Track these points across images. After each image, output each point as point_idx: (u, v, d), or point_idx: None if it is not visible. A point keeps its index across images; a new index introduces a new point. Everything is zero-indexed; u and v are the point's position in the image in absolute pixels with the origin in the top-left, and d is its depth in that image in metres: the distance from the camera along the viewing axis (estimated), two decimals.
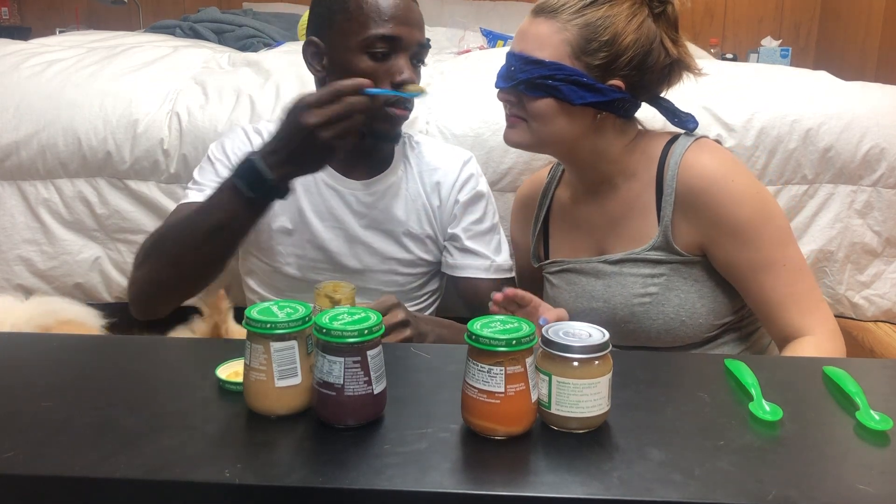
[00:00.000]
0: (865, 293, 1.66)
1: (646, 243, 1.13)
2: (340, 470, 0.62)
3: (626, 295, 1.13)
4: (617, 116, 1.13)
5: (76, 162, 1.61)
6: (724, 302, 1.12)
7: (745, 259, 1.08)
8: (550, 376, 0.68)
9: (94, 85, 1.68)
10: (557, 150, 1.18)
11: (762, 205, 1.09)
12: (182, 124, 1.60)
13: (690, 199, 1.09)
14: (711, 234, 1.09)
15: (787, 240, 1.10)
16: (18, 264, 1.61)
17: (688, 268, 1.11)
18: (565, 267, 1.23)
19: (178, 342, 0.94)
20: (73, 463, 0.63)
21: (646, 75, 1.11)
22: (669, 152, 1.12)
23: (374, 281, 1.31)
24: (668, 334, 1.12)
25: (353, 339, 0.67)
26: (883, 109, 1.64)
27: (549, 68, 1.08)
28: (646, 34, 1.09)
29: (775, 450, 0.67)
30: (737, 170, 1.11)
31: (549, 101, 1.09)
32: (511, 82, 1.11)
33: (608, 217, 1.19)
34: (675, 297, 1.11)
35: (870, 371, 0.87)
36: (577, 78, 1.08)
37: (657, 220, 1.12)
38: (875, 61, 3.40)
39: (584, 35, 1.08)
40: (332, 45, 1.21)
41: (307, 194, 1.29)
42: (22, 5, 4.46)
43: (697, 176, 1.09)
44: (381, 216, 1.29)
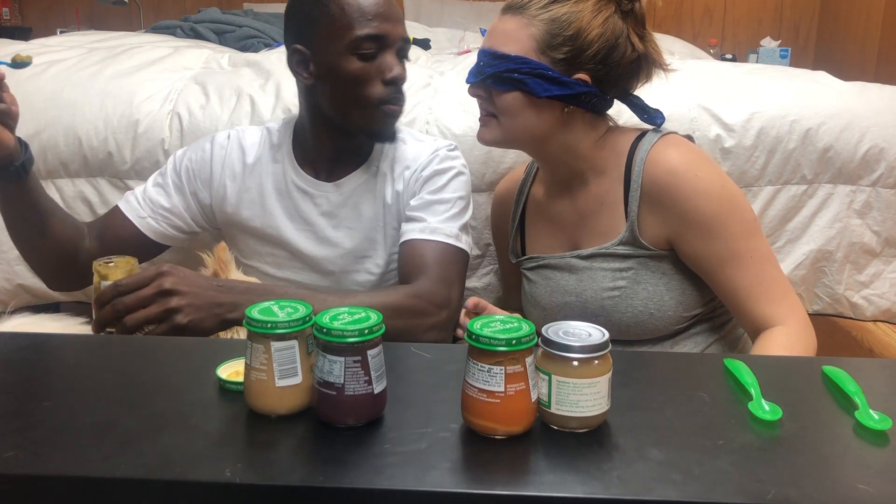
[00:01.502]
0: (864, 293, 1.66)
1: (614, 238, 1.15)
2: (340, 469, 0.62)
3: (597, 289, 1.15)
4: (585, 111, 1.14)
5: (77, 162, 1.61)
6: (692, 294, 1.14)
7: (712, 251, 1.09)
8: (550, 376, 0.68)
9: (94, 85, 1.68)
10: (528, 146, 1.20)
11: (727, 198, 1.10)
12: (183, 124, 1.60)
13: (656, 194, 1.11)
14: (677, 228, 1.10)
15: (752, 231, 1.11)
16: (19, 264, 1.61)
17: (655, 262, 1.13)
18: (541, 263, 1.25)
19: (178, 342, 0.94)
20: (73, 463, 0.63)
21: (612, 69, 1.13)
22: (637, 148, 1.14)
23: (350, 281, 1.31)
24: (638, 327, 1.14)
25: (354, 339, 0.67)
26: (882, 109, 1.64)
27: (515, 62, 1.10)
28: (611, 29, 1.11)
29: (775, 449, 0.67)
30: (701, 164, 1.12)
31: (515, 95, 1.12)
32: (479, 77, 1.14)
33: (579, 213, 1.21)
34: (643, 290, 1.13)
35: (869, 371, 0.87)
36: (542, 71, 1.10)
37: (625, 216, 1.14)
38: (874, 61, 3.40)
39: (550, 30, 1.10)
40: (318, 51, 1.20)
41: (279, 198, 1.30)
42: (23, 6, 4.46)
43: (662, 171, 1.10)
44: (350, 215, 1.29)
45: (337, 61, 1.18)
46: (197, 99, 1.65)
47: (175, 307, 0.97)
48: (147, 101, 1.64)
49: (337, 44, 1.18)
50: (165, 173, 1.35)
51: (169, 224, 1.33)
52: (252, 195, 1.32)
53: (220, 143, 1.35)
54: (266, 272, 1.34)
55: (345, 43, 1.17)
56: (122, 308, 0.96)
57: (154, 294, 0.97)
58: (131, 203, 1.32)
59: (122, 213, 1.31)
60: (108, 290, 0.98)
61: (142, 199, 1.32)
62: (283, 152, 1.32)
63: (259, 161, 1.33)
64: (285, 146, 1.33)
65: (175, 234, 1.34)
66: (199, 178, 1.34)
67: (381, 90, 1.20)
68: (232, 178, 1.33)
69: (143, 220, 1.30)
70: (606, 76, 1.13)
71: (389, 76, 1.19)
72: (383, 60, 1.19)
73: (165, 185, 1.34)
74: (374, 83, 1.19)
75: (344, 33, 1.17)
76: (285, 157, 1.32)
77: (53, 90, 1.65)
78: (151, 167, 1.60)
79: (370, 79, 1.18)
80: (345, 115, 1.23)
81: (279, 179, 1.31)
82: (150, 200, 1.32)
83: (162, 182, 1.34)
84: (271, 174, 1.32)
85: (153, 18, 3.95)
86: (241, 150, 1.34)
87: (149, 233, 1.31)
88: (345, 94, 1.20)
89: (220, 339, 1.00)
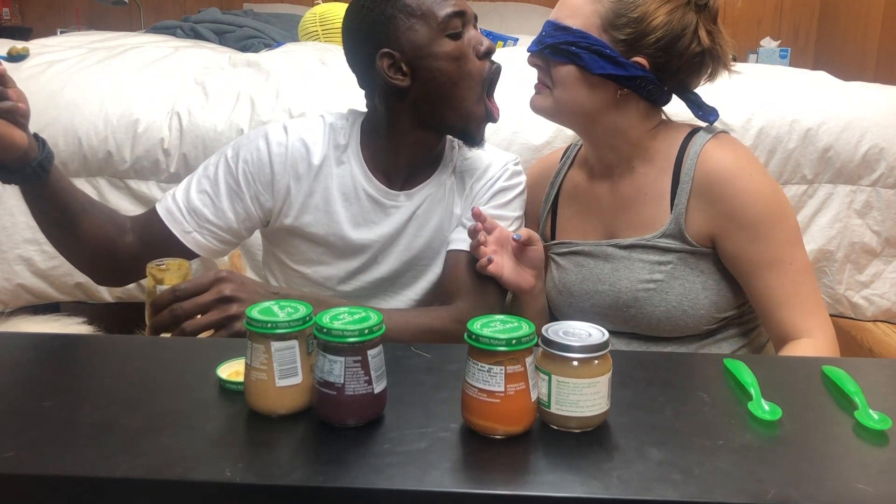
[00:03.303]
0: (865, 293, 1.66)
1: (657, 230, 1.14)
2: (341, 469, 0.62)
3: (632, 280, 1.14)
4: (640, 98, 1.13)
5: (77, 161, 1.61)
6: (726, 296, 1.13)
7: (754, 254, 1.08)
8: (550, 376, 0.68)
9: (94, 85, 1.69)
10: (577, 122, 1.19)
11: (777, 203, 1.10)
12: (182, 124, 1.60)
13: (707, 189, 1.10)
14: (724, 226, 1.10)
15: (796, 240, 1.11)
16: (19, 264, 1.61)
17: (695, 258, 1.12)
18: (573, 249, 1.23)
19: (178, 342, 0.94)
20: (73, 463, 0.63)
21: (673, 59, 1.12)
22: (690, 142, 1.14)
23: (404, 287, 1.27)
24: (669, 322, 1.13)
25: (354, 339, 0.67)
26: (882, 109, 1.64)
27: (574, 35, 1.10)
28: (678, 19, 1.10)
29: (774, 449, 0.67)
30: (755, 166, 1.12)
31: (570, 68, 1.12)
32: (538, 46, 1.15)
33: (620, 200, 1.19)
34: (679, 285, 1.12)
35: (869, 371, 0.87)
36: (600, 48, 1.10)
37: (670, 208, 1.13)
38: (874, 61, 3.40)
39: (616, 9, 1.10)
40: (407, 47, 1.15)
41: (346, 203, 1.23)
42: (23, 6, 4.47)
43: (716, 167, 1.10)
44: (419, 225, 1.25)
45: (431, 49, 1.15)
46: (197, 99, 1.65)
47: (235, 314, 0.97)
48: (147, 100, 1.64)
49: (424, 32, 1.15)
50: (216, 180, 1.21)
51: (216, 238, 1.21)
52: (317, 199, 1.23)
53: (277, 139, 1.22)
54: (314, 279, 1.26)
55: (434, 28, 1.15)
56: (181, 313, 0.95)
57: (213, 300, 0.97)
58: (174, 215, 1.19)
59: (164, 223, 1.19)
60: (166, 294, 0.97)
61: (185, 211, 1.19)
62: (349, 154, 1.24)
63: (325, 162, 1.23)
64: (352, 148, 1.24)
65: (222, 247, 1.24)
66: (260, 181, 1.21)
67: (479, 65, 1.17)
68: (296, 179, 1.22)
69: (189, 235, 1.19)
70: (666, 65, 1.12)
71: (483, 49, 1.18)
72: (471, 35, 1.18)
73: (216, 195, 1.20)
74: (471, 60, 1.17)
75: (428, 19, 1.15)
76: (353, 160, 1.23)
77: (53, 90, 1.65)
78: (151, 167, 1.60)
79: (466, 55, 1.16)
80: (446, 110, 1.18)
81: (346, 184, 1.23)
82: (196, 212, 1.19)
83: (210, 190, 1.21)
84: (337, 177, 1.23)
85: (153, 18, 3.95)
86: (305, 149, 1.22)
87: (194, 247, 1.20)
88: (448, 81, 1.16)
89: (220, 339, 1.00)
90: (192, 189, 1.21)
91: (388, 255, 1.25)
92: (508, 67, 1.82)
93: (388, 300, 1.27)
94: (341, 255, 1.25)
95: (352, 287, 1.26)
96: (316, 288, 1.26)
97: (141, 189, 1.61)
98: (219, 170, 1.22)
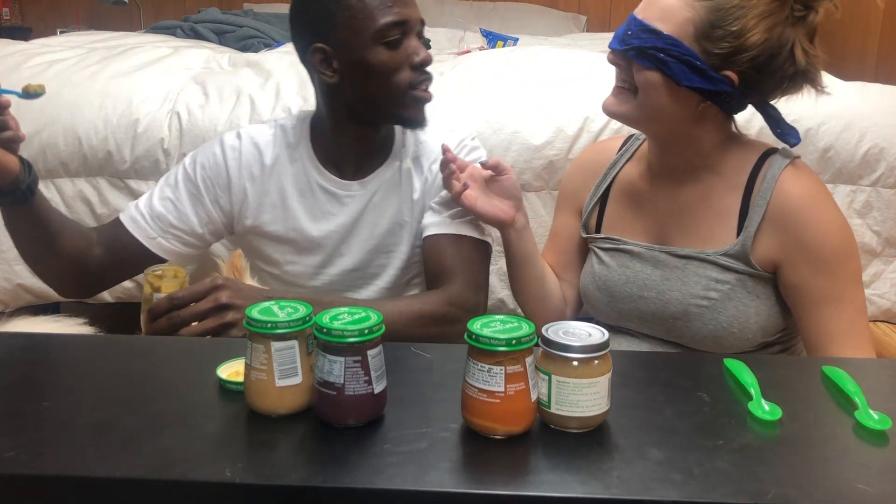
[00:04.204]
0: (865, 293, 1.66)
1: (719, 246, 1.10)
2: (340, 469, 0.62)
3: (685, 293, 1.11)
4: (720, 110, 1.09)
5: (77, 161, 1.61)
6: (775, 323, 1.10)
7: (818, 287, 1.06)
8: (550, 376, 0.68)
9: (94, 85, 1.69)
10: (653, 129, 1.14)
11: (848, 239, 1.08)
12: (182, 124, 1.60)
13: (782, 216, 1.06)
14: (793, 255, 1.06)
15: (858, 279, 1.09)
16: (19, 264, 1.61)
17: (754, 282, 1.09)
18: (620, 246, 1.19)
19: (178, 342, 0.94)
20: (73, 463, 0.63)
21: (764, 77, 1.06)
22: (766, 164, 1.10)
23: (371, 275, 1.29)
24: (715, 342, 1.10)
25: (354, 339, 0.67)
26: (882, 109, 1.64)
27: (665, 41, 1.03)
28: (777, 37, 1.04)
29: (774, 449, 0.67)
30: (830, 199, 1.09)
31: (655, 74, 1.05)
32: (624, 45, 1.07)
33: (680, 208, 1.15)
34: (733, 307, 1.08)
35: (869, 371, 0.87)
36: (691, 59, 1.03)
37: (737, 228, 1.09)
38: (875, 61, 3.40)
39: (712, 20, 1.03)
40: (340, 46, 1.16)
41: (302, 199, 1.26)
42: (23, 6, 4.46)
43: (795, 196, 1.06)
44: (377, 212, 1.27)
45: (363, 53, 1.15)
46: (196, 99, 1.65)
47: (231, 321, 0.98)
48: (147, 100, 1.64)
49: (360, 35, 1.14)
50: (176, 185, 1.26)
51: (181, 242, 1.25)
52: (273, 198, 1.27)
53: (230, 144, 1.27)
54: (285, 279, 1.29)
55: (369, 33, 1.14)
56: (179, 321, 0.97)
57: (210, 308, 0.98)
58: (138, 222, 1.23)
59: (128, 231, 1.22)
60: (163, 302, 0.98)
61: (149, 217, 1.23)
62: (301, 151, 1.27)
63: (277, 161, 1.27)
64: (303, 145, 1.27)
65: (188, 251, 1.27)
66: (218, 185, 1.26)
67: (411, 75, 1.17)
68: (251, 180, 1.27)
69: (154, 241, 1.23)
70: (755, 82, 1.06)
71: (418, 60, 1.17)
72: (408, 45, 1.17)
73: (178, 200, 1.25)
74: (402, 70, 1.16)
75: (367, 23, 1.14)
76: (304, 157, 1.27)
77: (53, 90, 1.65)
78: (151, 167, 1.60)
79: (399, 66, 1.16)
80: (375, 107, 1.20)
81: (300, 180, 1.26)
82: (159, 218, 1.23)
83: (172, 196, 1.25)
84: (291, 175, 1.27)
85: (153, 18, 3.95)
86: (257, 151, 1.27)
87: (160, 252, 1.24)
88: (374, 86, 1.17)
89: (220, 339, 1.00)
90: (154, 197, 1.26)
91: (350, 245, 1.27)
92: (508, 68, 1.82)
93: (360, 291, 1.29)
94: (304, 250, 1.28)
95: (322, 282, 1.29)
96: (289, 287, 1.29)
97: (141, 189, 1.61)
98: (178, 177, 1.27)
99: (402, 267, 1.29)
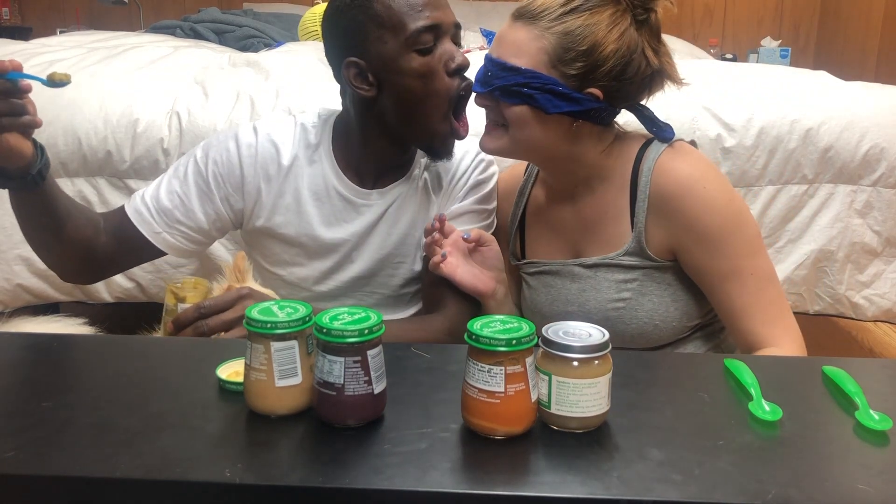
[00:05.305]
0: (865, 293, 1.66)
1: (619, 248, 1.13)
2: (340, 469, 0.62)
3: (601, 300, 1.13)
4: (594, 124, 1.11)
5: (76, 161, 1.61)
6: (695, 304, 1.13)
7: (714, 266, 1.08)
8: (550, 376, 0.68)
9: (94, 85, 1.68)
10: (533, 157, 1.17)
11: (734, 213, 1.09)
12: (182, 124, 1.60)
13: (663, 204, 1.09)
14: (682, 240, 1.09)
15: (756, 249, 1.09)
16: (18, 264, 1.61)
17: (660, 273, 1.12)
18: (541, 269, 1.22)
19: (178, 342, 0.94)
20: (73, 463, 0.63)
21: (625, 85, 1.09)
22: (644, 156, 1.12)
23: (378, 284, 1.28)
24: (642, 338, 1.12)
25: (354, 339, 0.67)
26: (883, 109, 1.64)
27: (525, 76, 1.06)
28: (627, 44, 1.07)
29: (775, 449, 0.67)
30: (710, 176, 1.10)
31: (524, 109, 1.08)
32: (487, 87, 1.10)
33: (583, 220, 1.18)
34: (649, 301, 1.11)
35: (869, 371, 0.87)
36: (553, 87, 1.06)
37: (631, 225, 1.12)
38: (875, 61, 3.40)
39: (563, 44, 1.06)
40: (373, 58, 1.12)
41: (317, 203, 1.23)
42: (23, 5, 4.46)
43: (671, 181, 1.08)
44: (392, 223, 1.24)
45: (397, 63, 1.11)
46: (196, 98, 1.65)
47: None
48: (146, 100, 1.64)
49: (393, 45, 1.10)
50: (185, 179, 1.21)
51: (186, 238, 1.22)
52: (287, 200, 1.23)
53: (246, 141, 1.22)
54: (289, 280, 1.27)
55: (401, 41, 1.10)
56: (207, 330, 0.98)
57: (237, 318, 0.98)
58: (143, 215, 1.19)
59: (133, 224, 1.19)
60: (190, 312, 0.98)
61: (155, 211, 1.20)
62: (321, 153, 1.23)
63: (295, 162, 1.23)
64: (324, 147, 1.23)
65: (192, 247, 1.25)
66: (230, 183, 1.21)
67: (448, 82, 1.13)
68: (266, 180, 1.22)
69: (158, 236, 1.20)
70: (619, 91, 1.09)
71: (454, 65, 1.12)
72: (443, 50, 1.12)
73: (185, 195, 1.21)
74: (438, 76, 1.12)
75: (398, 32, 1.10)
76: (324, 159, 1.23)
77: (53, 90, 1.65)
78: (150, 166, 1.60)
79: (435, 73, 1.12)
80: (410, 126, 1.17)
81: (317, 183, 1.22)
82: (165, 213, 1.20)
83: (181, 190, 1.21)
84: (307, 176, 1.23)
85: (153, 18, 3.95)
86: (274, 149, 1.22)
87: (164, 247, 1.21)
88: (412, 97, 1.13)
89: (220, 339, 1.00)
90: (161, 189, 1.21)
91: (361, 253, 1.25)
92: None
93: (364, 298, 1.28)
94: (314, 255, 1.25)
95: (327, 287, 1.27)
96: (292, 289, 1.27)
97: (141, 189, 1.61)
98: (188, 170, 1.22)
99: (409, 278, 1.28)
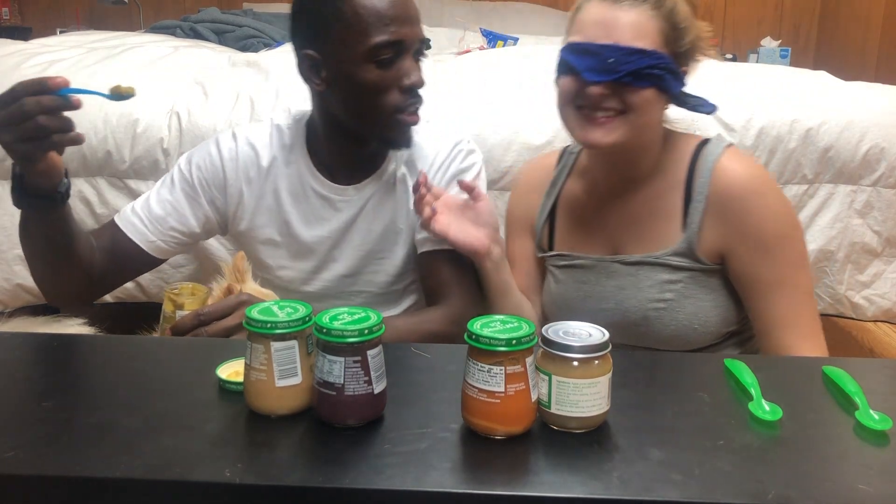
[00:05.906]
0: (865, 293, 1.66)
1: (667, 247, 1.10)
2: (340, 469, 0.62)
3: (641, 299, 1.11)
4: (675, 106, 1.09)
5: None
6: (734, 311, 1.11)
7: (762, 273, 1.06)
8: (550, 376, 0.68)
9: (94, 85, 1.68)
10: (636, 144, 1.10)
11: (791, 223, 1.08)
12: (182, 124, 1.60)
13: (721, 206, 1.07)
14: (736, 244, 1.07)
15: (804, 262, 1.09)
16: (18, 264, 1.61)
17: (706, 276, 1.09)
18: (573, 263, 1.19)
19: (178, 342, 0.94)
20: (73, 463, 0.63)
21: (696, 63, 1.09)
22: (700, 155, 1.09)
23: (364, 281, 1.28)
24: (678, 340, 1.10)
25: (354, 339, 0.67)
26: (883, 109, 1.64)
27: (653, 58, 1.02)
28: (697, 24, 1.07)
29: (775, 449, 0.67)
30: (770, 184, 1.09)
31: (650, 92, 1.04)
32: (615, 75, 1.02)
33: (627, 216, 1.15)
34: (690, 304, 1.09)
35: (869, 371, 0.87)
36: (674, 67, 1.04)
37: (682, 225, 1.09)
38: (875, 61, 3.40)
39: (672, 22, 1.04)
40: (330, 57, 1.13)
41: (296, 203, 1.25)
42: (22, 5, 4.46)
43: (732, 183, 1.06)
44: (371, 218, 1.25)
45: (352, 69, 1.11)
46: (196, 98, 1.65)
47: None
48: (146, 100, 1.64)
49: (352, 51, 1.10)
50: (173, 187, 1.24)
51: (178, 243, 1.25)
52: (268, 201, 1.25)
53: (226, 145, 1.25)
54: (278, 283, 1.28)
55: (361, 51, 1.10)
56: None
57: (238, 325, 0.99)
58: (135, 225, 1.21)
59: (126, 235, 1.21)
60: (189, 319, 0.99)
61: (147, 220, 1.22)
62: (296, 154, 1.25)
63: (273, 163, 1.25)
64: (298, 147, 1.25)
65: (180, 249, 1.28)
66: (214, 186, 1.25)
67: (398, 98, 1.13)
68: (248, 182, 1.25)
69: (152, 244, 1.22)
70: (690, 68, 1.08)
71: (407, 83, 1.12)
72: (401, 66, 1.12)
73: (176, 201, 1.24)
74: (391, 92, 1.12)
75: (359, 40, 1.09)
76: (300, 160, 1.25)
77: None
78: (150, 166, 1.60)
79: (387, 87, 1.12)
80: (359, 124, 1.18)
81: (294, 183, 1.25)
82: (158, 220, 1.22)
83: (170, 198, 1.24)
84: (286, 177, 1.25)
85: (153, 18, 3.94)
86: (253, 152, 1.25)
87: (158, 254, 1.23)
88: (359, 103, 1.14)
89: (220, 339, 1.00)
90: (151, 200, 1.24)
91: (343, 251, 1.26)
92: (508, 67, 1.82)
93: (353, 297, 1.28)
94: (297, 255, 1.27)
95: (314, 287, 1.28)
96: (282, 292, 1.26)
97: (140, 189, 1.61)
98: (174, 178, 1.25)
99: (395, 274, 1.28)
